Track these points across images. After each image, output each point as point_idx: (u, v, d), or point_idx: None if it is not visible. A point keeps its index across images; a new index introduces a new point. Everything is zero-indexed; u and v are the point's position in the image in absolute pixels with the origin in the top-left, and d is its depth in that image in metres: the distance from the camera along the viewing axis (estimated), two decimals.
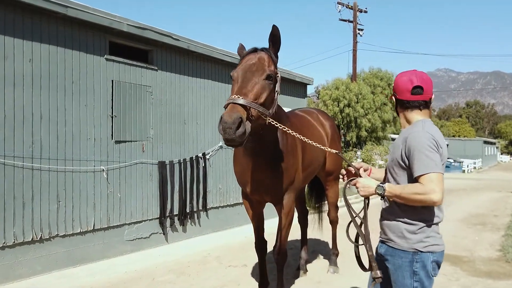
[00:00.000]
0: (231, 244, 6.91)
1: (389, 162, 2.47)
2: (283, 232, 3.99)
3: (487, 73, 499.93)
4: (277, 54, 3.28)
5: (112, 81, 6.04)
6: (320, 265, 5.68)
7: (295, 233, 6.27)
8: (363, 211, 2.52)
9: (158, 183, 6.70)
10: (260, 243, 4.27)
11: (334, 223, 5.51)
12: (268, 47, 3.27)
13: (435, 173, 2.14)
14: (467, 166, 32.08)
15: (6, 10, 4.85)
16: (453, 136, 57.77)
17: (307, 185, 5.85)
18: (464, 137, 56.62)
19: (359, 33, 25.48)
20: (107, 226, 5.94)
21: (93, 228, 5.75)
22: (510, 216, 10.02)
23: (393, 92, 2.49)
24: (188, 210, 7.15)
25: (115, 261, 5.86)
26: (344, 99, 23.18)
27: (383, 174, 2.72)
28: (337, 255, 5.45)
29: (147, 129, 6.57)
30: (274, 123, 2.98)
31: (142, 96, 6.48)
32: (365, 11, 26.56)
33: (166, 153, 6.90)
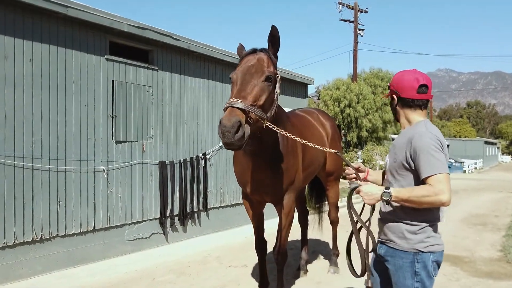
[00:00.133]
0: (232, 244, 6.90)
1: (390, 164, 2.42)
2: (283, 232, 3.98)
3: (488, 73, 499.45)
4: (276, 54, 3.26)
5: (113, 81, 6.04)
6: (320, 265, 5.68)
7: (295, 233, 6.26)
8: (365, 218, 2.47)
9: (159, 183, 6.70)
10: (260, 243, 4.26)
11: (334, 223, 5.50)
12: (267, 47, 3.26)
13: (442, 174, 2.12)
14: (468, 166, 32.05)
15: (6, 10, 4.85)
16: (454, 137, 57.73)
17: (308, 185, 5.84)
18: (465, 137, 56.58)
19: (359, 33, 25.48)
20: (107, 226, 5.95)
21: (93, 228, 5.75)
22: (511, 216, 10.01)
23: (394, 90, 2.42)
24: (188, 210, 7.15)
25: (115, 261, 5.86)
26: (344, 99, 23.17)
27: (380, 176, 2.69)
28: (337, 255, 5.44)
29: (147, 129, 6.57)
30: (272, 126, 2.97)
31: (142, 96, 6.48)
32: (366, 11, 26.56)
33: (166, 153, 6.90)
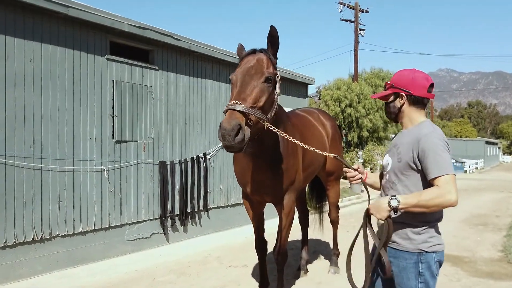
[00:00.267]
0: (232, 244, 6.90)
1: (393, 164, 2.36)
2: (284, 233, 3.98)
3: (489, 73, 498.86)
4: (276, 54, 3.25)
5: (113, 81, 6.04)
6: (321, 265, 5.67)
7: (295, 234, 6.26)
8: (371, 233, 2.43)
9: (159, 183, 6.70)
10: (261, 243, 4.26)
11: (335, 223, 5.50)
12: (267, 48, 3.25)
13: (450, 175, 2.10)
14: (469, 166, 31.99)
15: (6, 10, 4.86)
16: (455, 137, 57.65)
17: (308, 185, 5.84)
18: (466, 137, 56.50)
19: (360, 33, 25.46)
20: (108, 226, 5.95)
21: (93, 228, 5.75)
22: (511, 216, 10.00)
23: (403, 88, 2.35)
24: (189, 210, 7.15)
25: (115, 261, 5.86)
26: (345, 99, 23.15)
27: (377, 178, 2.67)
28: (338, 255, 5.44)
29: (148, 129, 6.57)
30: (272, 128, 2.96)
31: (143, 96, 6.48)
32: (367, 11, 26.54)
33: (167, 153, 6.90)
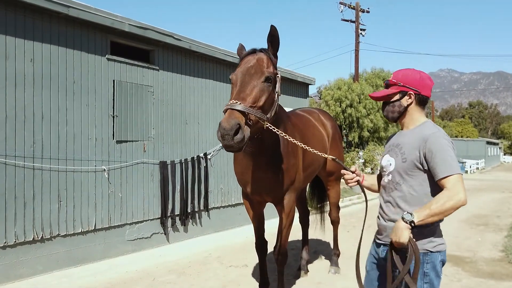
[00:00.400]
0: (232, 244, 6.90)
1: (397, 164, 2.32)
2: (284, 232, 3.97)
3: (490, 74, 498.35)
4: (276, 54, 3.25)
5: (114, 81, 6.04)
6: (321, 265, 5.66)
7: (296, 233, 6.25)
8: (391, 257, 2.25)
9: (160, 183, 6.70)
10: (261, 243, 4.25)
11: (335, 223, 5.49)
12: (267, 47, 3.24)
13: (458, 174, 2.11)
14: (470, 166, 31.95)
15: (7, 10, 4.86)
16: (456, 137, 57.61)
17: (309, 185, 5.84)
18: (467, 137, 56.47)
19: (361, 33, 25.46)
20: (108, 226, 5.95)
21: (94, 228, 5.75)
22: None
23: (411, 87, 2.31)
24: (189, 210, 7.15)
25: (116, 261, 5.86)
26: (346, 99, 23.16)
27: (375, 181, 2.66)
28: (338, 255, 5.43)
29: (148, 129, 6.57)
30: (272, 127, 2.95)
31: (143, 96, 6.48)
32: (367, 11, 26.54)
33: (167, 153, 6.90)
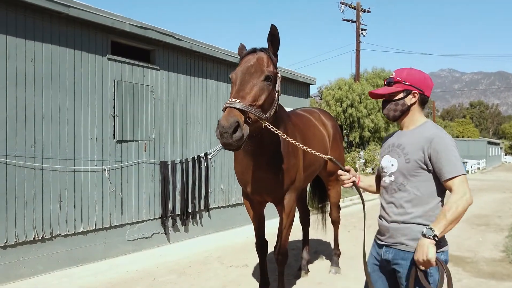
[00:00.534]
0: (233, 244, 6.89)
1: (401, 164, 2.29)
2: (284, 232, 3.97)
3: (491, 73, 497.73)
4: (276, 53, 3.24)
5: (114, 80, 6.04)
6: (322, 265, 5.66)
7: (297, 233, 6.25)
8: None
9: (160, 183, 6.70)
10: (261, 243, 4.24)
11: (336, 223, 5.49)
12: (267, 47, 3.24)
13: (464, 175, 2.13)
14: (471, 166, 31.91)
15: (8, 10, 4.86)
16: (457, 137, 57.55)
17: (310, 185, 5.83)
18: (468, 137, 56.40)
19: (362, 33, 25.46)
20: (108, 226, 5.95)
21: (94, 227, 5.75)
22: None
23: (416, 86, 2.30)
24: (190, 210, 7.15)
25: (116, 261, 5.86)
26: (347, 99, 23.15)
27: (373, 182, 2.65)
28: (339, 255, 5.43)
29: (149, 129, 6.57)
30: (270, 127, 2.92)
31: (144, 96, 6.48)
32: (368, 11, 26.54)
33: (168, 153, 6.90)
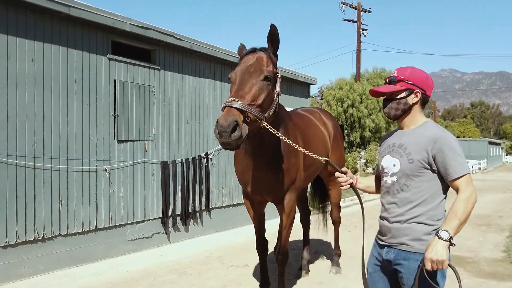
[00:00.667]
0: (233, 244, 6.89)
1: (404, 164, 2.27)
2: (285, 232, 3.96)
3: (492, 74, 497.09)
4: (276, 53, 3.23)
5: (115, 80, 6.04)
6: (322, 265, 5.65)
7: (297, 233, 6.25)
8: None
9: (161, 182, 6.70)
10: (262, 243, 4.24)
11: (336, 223, 5.48)
12: (267, 46, 3.23)
13: (469, 174, 2.15)
14: (472, 167, 31.87)
15: (8, 9, 4.86)
16: (458, 137, 57.48)
17: (311, 185, 5.82)
18: (469, 137, 56.34)
19: (363, 33, 25.45)
20: (109, 226, 5.95)
21: (95, 227, 5.75)
22: None
23: (419, 85, 2.30)
24: (190, 210, 7.14)
25: (117, 260, 5.86)
26: (347, 99, 23.13)
27: (371, 183, 2.64)
28: (339, 255, 5.42)
29: (149, 128, 6.57)
30: (269, 127, 2.90)
31: (144, 96, 6.48)
32: (369, 11, 26.52)
33: (168, 152, 6.90)
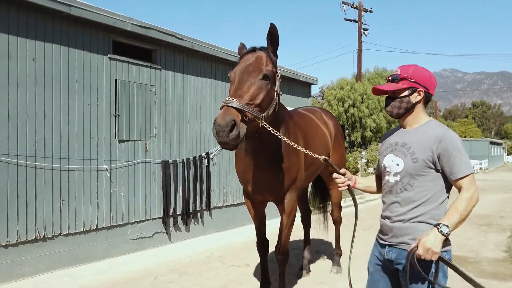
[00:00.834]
0: (234, 244, 6.89)
1: (407, 164, 2.25)
2: (285, 232, 3.96)
3: (494, 73, 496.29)
4: (276, 52, 3.22)
5: (116, 80, 6.04)
6: (323, 265, 5.65)
7: (298, 233, 6.24)
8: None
9: (162, 182, 6.70)
10: (262, 242, 4.23)
11: (337, 223, 5.48)
12: (266, 46, 3.22)
13: (472, 173, 2.16)
14: (473, 167, 31.83)
15: (9, 9, 4.87)
16: (459, 137, 57.36)
17: (312, 185, 5.82)
18: (470, 137, 56.22)
19: (364, 32, 25.43)
20: (110, 225, 5.95)
21: (96, 227, 5.75)
22: None
23: (422, 85, 2.28)
24: (191, 210, 7.14)
25: (118, 260, 5.86)
26: (349, 99, 23.11)
27: (371, 183, 2.63)
28: (340, 255, 5.41)
29: (150, 128, 6.57)
30: (267, 126, 2.88)
31: (145, 95, 6.48)
32: (370, 11, 26.50)
33: (169, 152, 6.90)
